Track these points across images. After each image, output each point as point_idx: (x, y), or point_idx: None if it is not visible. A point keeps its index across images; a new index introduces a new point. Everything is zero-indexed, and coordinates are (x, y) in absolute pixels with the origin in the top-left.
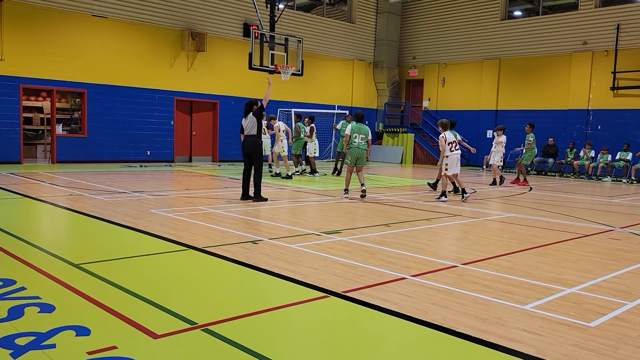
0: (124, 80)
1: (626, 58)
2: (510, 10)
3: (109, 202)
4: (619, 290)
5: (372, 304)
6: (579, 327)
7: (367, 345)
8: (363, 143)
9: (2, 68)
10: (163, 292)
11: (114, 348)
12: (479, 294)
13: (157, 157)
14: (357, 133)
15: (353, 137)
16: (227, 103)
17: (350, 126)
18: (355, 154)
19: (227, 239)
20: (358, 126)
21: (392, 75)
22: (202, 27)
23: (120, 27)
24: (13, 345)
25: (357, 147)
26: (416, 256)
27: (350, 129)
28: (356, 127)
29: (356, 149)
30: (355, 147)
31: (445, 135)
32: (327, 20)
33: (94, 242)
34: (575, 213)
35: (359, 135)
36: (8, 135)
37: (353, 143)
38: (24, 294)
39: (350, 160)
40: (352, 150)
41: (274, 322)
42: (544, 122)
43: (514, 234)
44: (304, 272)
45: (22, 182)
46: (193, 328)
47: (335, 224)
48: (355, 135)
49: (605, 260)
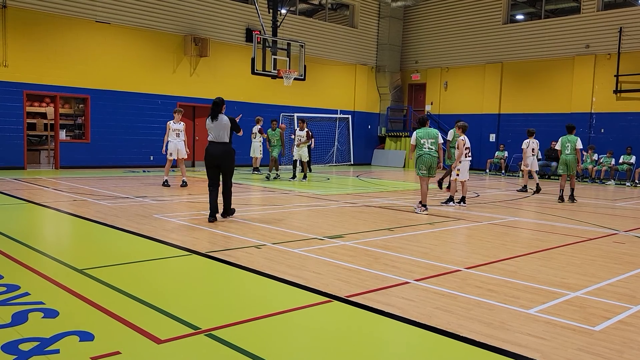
0: (127, 85)
1: (629, 61)
2: (513, 14)
3: (112, 208)
4: (624, 294)
5: (376, 309)
6: (584, 331)
7: (371, 350)
8: (434, 149)
9: (6, 74)
10: (166, 297)
11: (118, 353)
12: (483, 298)
13: (160, 162)
14: (425, 138)
15: (422, 144)
16: (230, 108)
17: (416, 133)
18: (428, 161)
19: (230, 243)
20: (425, 131)
21: (395, 79)
22: (204, 33)
23: (123, 33)
24: (17, 351)
25: (428, 154)
26: (420, 260)
27: (416, 136)
28: (423, 133)
29: (427, 155)
30: (427, 154)
31: (465, 139)
32: (330, 25)
33: (97, 248)
34: (579, 217)
35: (428, 140)
36: (12, 141)
37: (423, 149)
38: (27, 299)
39: (422, 170)
40: (422, 158)
41: (277, 327)
42: (547, 125)
43: (518, 237)
44: (307, 277)
45: (25, 187)
46: (197, 333)
47: (338, 228)
48: (424, 141)
49: (610, 264)
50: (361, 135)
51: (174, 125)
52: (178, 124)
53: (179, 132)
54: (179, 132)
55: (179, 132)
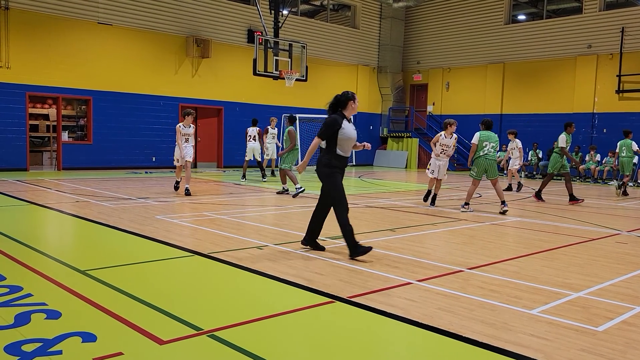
0: (129, 87)
1: (631, 61)
2: (514, 15)
3: (115, 209)
4: (627, 295)
5: (378, 309)
6: (587, 332)
7: (373, 351)
8: (492, 153)
9: (9, 76)
10: (169, 298)
11: (120, 354)
12: (485, 298)
13: (162, 163)
14: (487, 141)
15: (483, 146)
16: (232, 109)
17: (479, 134)
18: (483, 164)
19: (233, 244)
20: (487, 134)
21: (396, 80)
22: (206, 34)
23: (125, 35)
24: (20, 352)
25: (485, 157)
26: (422, 261)
27: (478, 137)
28: (485, 135)
29: (484, 159)
30: (483, 157)
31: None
32: (331, 26)
33: (100, 249)
34: (581, 217)
35: (489, 143)
36: (14, 142)
37: (481, 152)
38: (30, 300)
39: (477, 173)
40: (479, 161)
41: (279, 328)
42: (549, 126)
43: (520, 238)
44: (309, 278)
45: (28, 189)
46: (199, 334)
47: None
48: (485, 144)
49: (612, 264)
50: (363, 135)
51: (184, 130)
52: (188, 128)
53: (189, 137)
54: (189, 137)
55: (188, 136)
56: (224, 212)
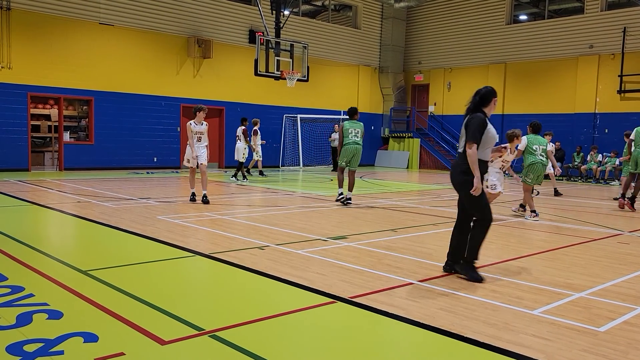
0: (130, 87)
1: (633, 61)
2: (516, 15)
3: (116, 209)
4: (629, 295)
5: (380, 310)
6: (589, 332)
7: (374, 351)
8: (359, 139)
9: (10, 76)
10: (170, 299)
11: (122, 354)
12: (487, 299)
13: (163, 163)
14: (536, 145)
15: (533, 150)
16: (234, 109)
17: (527, 138)
18: (540, 170)
19: (234, 245)
20: (536, 137)
21: (398, 80)
22: (208, 34)
23: (126, 35)
24: (21, 352)
25: (541, 163)
26: (423, 261)
27: (527, 141)
28: (534, 139)
29: (540, 164)
30: (540, 162)
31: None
32: (333, 26)
33: (101, 249)
34: (583, 217)
35: (539, 147)
36: (16, 142)
37: (535, 157)
38: (32, 300)
39: (532, 179)
40: (535, 167)
41: (281, 328)
42: (551, 126)
43: (521, 238)
44: (311, 278)
45: (30, 189)
46: (200, 334)
47: (341, 229)
48: (536, 147)
49: (614, 264)
50: (364, 136)
51: (196, 127)
52: (200, 125)
53: (201, 136)
54: (201, 136)
55: (201, 135)
56: (225, 212)
